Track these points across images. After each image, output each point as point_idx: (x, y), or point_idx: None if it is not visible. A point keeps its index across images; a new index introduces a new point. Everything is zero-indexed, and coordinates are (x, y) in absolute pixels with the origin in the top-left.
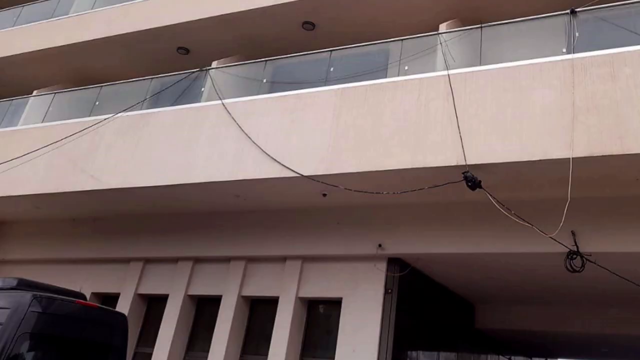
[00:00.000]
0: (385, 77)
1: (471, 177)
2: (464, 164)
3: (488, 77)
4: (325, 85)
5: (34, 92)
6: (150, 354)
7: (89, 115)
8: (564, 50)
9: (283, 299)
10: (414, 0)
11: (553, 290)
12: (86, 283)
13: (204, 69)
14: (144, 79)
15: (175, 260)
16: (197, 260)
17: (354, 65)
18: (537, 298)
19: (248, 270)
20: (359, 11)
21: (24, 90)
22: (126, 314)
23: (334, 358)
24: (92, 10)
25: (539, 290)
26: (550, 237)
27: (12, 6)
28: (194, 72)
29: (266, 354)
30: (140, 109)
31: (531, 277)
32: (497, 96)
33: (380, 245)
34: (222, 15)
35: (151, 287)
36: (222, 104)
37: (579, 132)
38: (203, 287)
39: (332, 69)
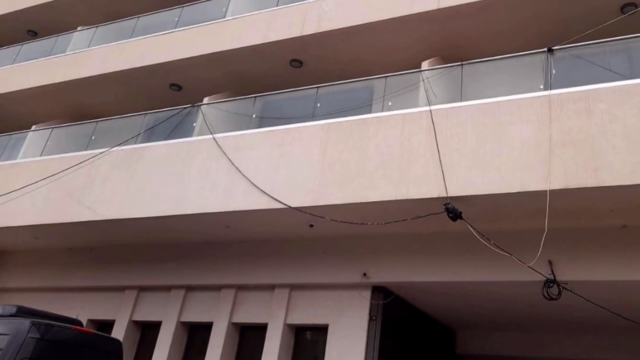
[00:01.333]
0: (370, 112)
1: (452, 209)
2: (446, 196)
3: (468, 113)
4: (312, 120)
5: (33, 127)
6: None
7: (85, 149)
8: (541, 86)
9: (272, 326)
10: (397, 39)
11: (531, 317)
12: (83, 310)
13: (196, 104)
14: (138, 115)
15: (168, 288)
16: (189, 288)
17: (339, 101)
18: (516, 324)
19: (238, 298)
20: (345, 49)
21: (23, 125)
22: (121, 339)
23: None
24: (89, 49)
25: (518, 317)
26: (528, 267)
27: (12, 44)
28: (186, 107)
29: None
30: (135, 143)
31: (510, 305)
32: (477, 131)
33: (365, 274)
34: (213, 53)
35: (145, 314)
36: (213, 138)
37: (556, 165)
38: (195, 314)
39: (318, 105)
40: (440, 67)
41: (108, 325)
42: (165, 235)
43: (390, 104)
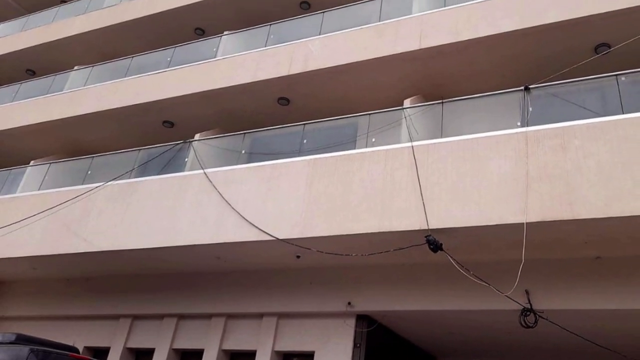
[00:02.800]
0: (354, 148)
1: (433, 241)
2: (427, 228)
3: (449, 148)
4: (298, 155)
5: (31, 162)
6: None
7: (82, 184)
8: (519, 123)
9: (260, 353)
10: (381, 78)
11: (509, 344)
12: (79, 338)
13: (188, 141)
14: (132, 150)
15: (161, 316)
16: (181, 317)
17: (325, 138)
18: (494, 351)
19: (228, 326)
20: (330, 88)
21: (22, 161)
22: None
23: None
24: (85, 87)
25: (496, 344)
26: (506, 296)
27: (11, 83)
28: (178, 143)
29: None
30: (129, 178)
31: (488, 332)
32: (457, 166)
33: (349, 303)
34: (204, 91)
35: (139, 342)
36: (204, 173)
37: (533, 199)
38: (187, 342)
39: (305, 141)
40: (422, 105)
41: (103, 352)
42: (158, 266)
43: (373, 140)
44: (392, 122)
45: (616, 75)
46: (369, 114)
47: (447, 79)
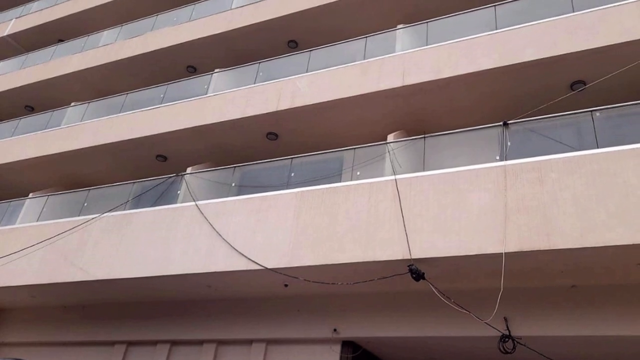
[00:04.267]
0: (340, 181)
1: (415, 270)
2: (410, 258)
3: (430, 182)
4: (286, 188)
5: (30, 195)
6: None
7: (79, 215)
8: (498, 157)
9: None
10: (365, 114)
11: None
12: None
13: (180, 174)
14: (126, 183)
15: (154, 343)
16: (174, 343)
17: (312, 171)
18: None
19: (219, 352)
20: (317, 123)
21: (21, 193)
22: None
23: None
24: (81, 122)
25: None
26: (485, 323)
27: (11, 119)
28: (171, 177)
29: None
30: (124, 210)
31: (469, 358)
32: (438, 198)
33: (335, 330)
34: (195, 127)
35: None
36: (196, 205)
37: (511, 230)
38: None
39: (293, 174)
40: (405, 140)
41: None
42: (151, 294)
43: (358, 173)
44: (376, 156)
45: (591, 111)
46: (354, 148)
47: (429, 114)
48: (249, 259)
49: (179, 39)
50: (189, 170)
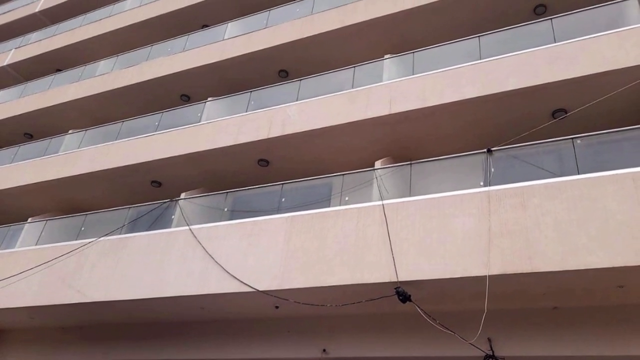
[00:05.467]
0: (329, 206)
1: (402, 292)
2: (396, 280)
3: (417, 207)
4: (277, 213)
5: (29, 219)
6: None
7: (76, 239)
8: (482, 183)
9: None
10: (353, 142)
11: None
12: None
13: (174, 199)
14: (122, 208)
15: None
16: None
17: (302, 196)
18: None
19: None
20: (306, 150)
21: (20, 218)
22: None
23: None
24: (79, 149)
25: None
26: (470, 343)
27: (10, 146)
28: (165, 202)
29: None
30: (120, 234)
31: None
32: (424, 222)
33: (324, 350)
34: (189, 153)
35: None
36: (190, 229)
37: (494, 253)
38: None
39: (283, 199)
40: (392, 166)
41: None
42: (147, 316)
43: (347, 198)
44: (364, 182)
45: (572, 138)
46: (343, 174)
47: (415, 141)
48: (241, 281)
49: (173, 69)
50: (183, 195)
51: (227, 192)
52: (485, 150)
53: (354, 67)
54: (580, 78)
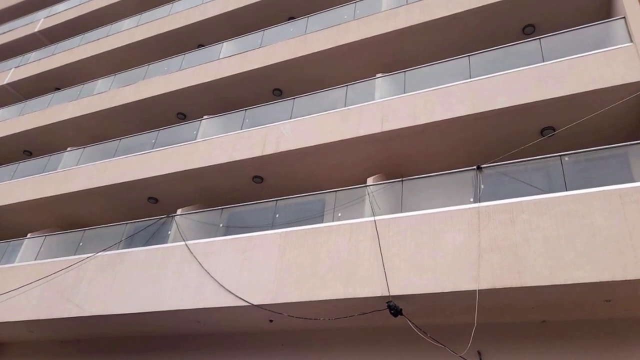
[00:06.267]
0: (322, 222)
1: (393, 306)
2: (388, 295)
3: (408, 222)
4: (271, 229)
5: (28, 235)
6: None
7: (74, 254)
8: (471, 199)
9: None
10: (346, 159)
11: None
12: None
13: (170, 215)
14: (120, 224)
15: None
16: None
17: (295, 212)
18: None
19: None
20: (300, 167)
21: (20, 233)
22: None
23: None
24: (77, 166)
25: None
26: (460, 356)
27: (10, 163)
28: (161, 218)
29: None
30: (117, 249)
31: None
32: (415, 238)
33: None
34: (185, 170)
35: None
36: (186, 244)
37: (484, 268)
38: None
39: (277, 216)
40: (383, 183)
41: None
42: (144, 329)
43: (339, 214)
44: (356, 199)
45: (560, 155)
46: (335, 191)
47: (406, 159)
48: (236, 295)
49: (169, 87)
50: (179, 211)
51: (222, 208)
52: (475, 167)
53: (347, 85)
54: (568, 96)
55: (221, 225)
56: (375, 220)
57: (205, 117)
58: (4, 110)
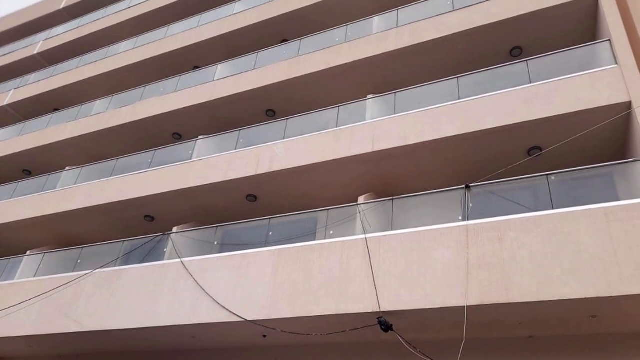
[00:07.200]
0: (314, 239)
1: (384, 322)
2: (379, 310)
3: (398, 240)
4: (265, 246)
5: (28, 252)
6: None
7: (73, 271)
8: (460, 217)
9: None
10: (338, 178)
11: None
12: None
13: (166, 233)
14: (117, 242)
15: None
16: None
17: (288, 230)
18: None
19: None
20: (293, 186)
21: (19, 251)
22: None
23: None
24: (75, 185)
25: None
26: None
27: (10, 182)
28: (158, 235)
29: None
30: (115, 266)
31: None
32: (405, 255)
33: None
34: (181, 189)
35: None
36: (181, 261)
37: (473, 285)
38: None
39: (271, 233)
40: (374, 201)
41: None
42: (140, 344)
43: (331, 232)
44: (348, 217)
45: (547, 175)
46: (327, 209)
47: (396, 178)
48: (230, 311)
49: (165, 108)
50: (174, 229)
51: (217, 226)
52: (463, 186)
53: (339, 106)
54: (554, 117)
55: (216, 242)
56: (366, 238)
57: (200, 137)
58: (4, 130)
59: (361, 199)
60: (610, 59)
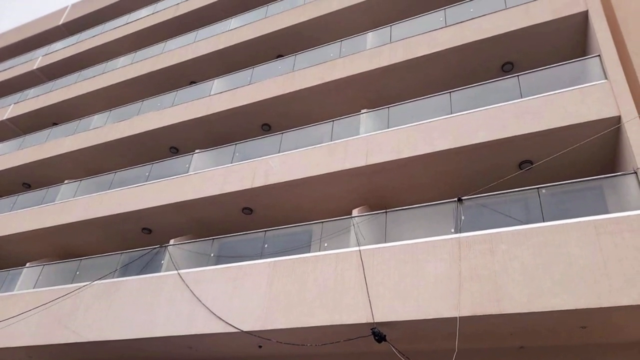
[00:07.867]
0: (309, 252)
1: (378, 332)
2: (372, 321)
3: (392, 252)
4: (260, 258)
5: (27, 264)
6: None
7: (71, 283)
8: (452, 230)
9: None
10: (332, 191)
11: None
12: None
13: (164, 245)
14: (115, 254)
15: None
16: None
17: (284, 242)
18: None
19: None
20: (288, 199)
21: (19, 262)
22: None
23: None
24: (74, 198)
25: None
26: None
27: (9, 195)
28: (155, 248)
29: None
30: (113, 278)
31: None
32: (398, 267)
33: None
34: (178, 202)
35: None
36: (178, 273)
37: (465, 296)
38: None
39: (266, 245)
40: (368, 214)
41: None
42: (138, 355)
43: (326, 244)
44: (342, 229)
45: (537, 188)
46: (322, 222)
47: (389, 191)
48: (226, 322)
49: (162, 123)
50: (172, 241)
51: (213, 239)
52: (456, 199)
53: (333, 121)
54: (545, 131)
55: (212, 254)
56: (360, 250)
57: (197, 151)
58: (4, 144)
59: (355, 212)
60: (600, 74)
